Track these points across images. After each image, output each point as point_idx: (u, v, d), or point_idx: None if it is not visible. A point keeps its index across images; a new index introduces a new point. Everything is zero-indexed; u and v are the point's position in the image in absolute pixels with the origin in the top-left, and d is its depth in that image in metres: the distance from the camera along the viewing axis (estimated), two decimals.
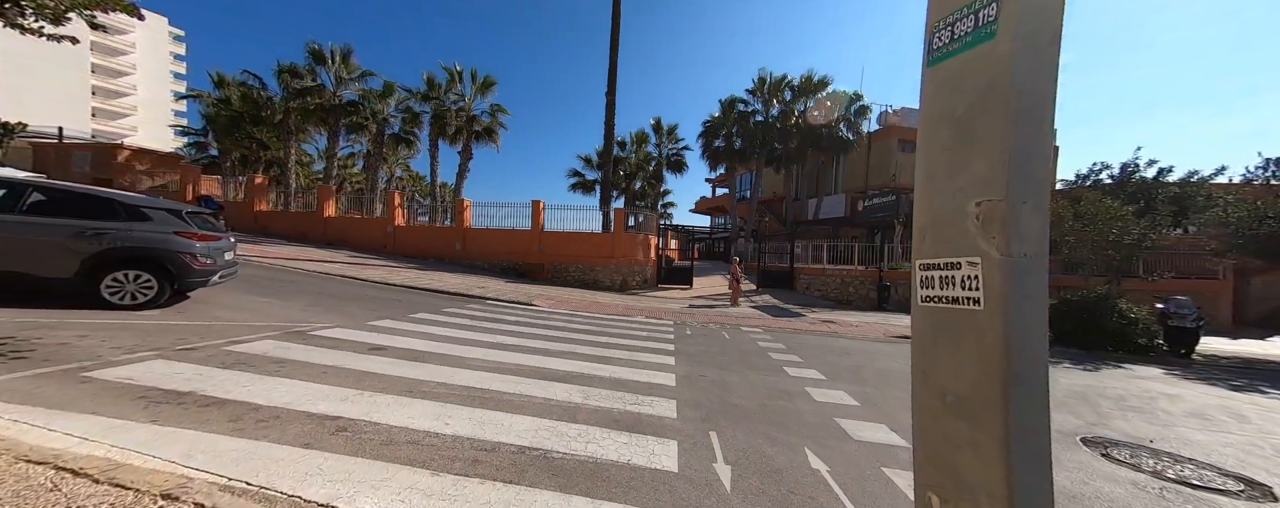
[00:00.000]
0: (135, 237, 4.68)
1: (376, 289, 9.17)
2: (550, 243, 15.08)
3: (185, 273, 4.92)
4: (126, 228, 4.67)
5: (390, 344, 4.82)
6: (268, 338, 4.47)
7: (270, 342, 4.35)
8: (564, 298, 11.28)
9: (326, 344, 4.51)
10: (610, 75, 16.85)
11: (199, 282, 5.13)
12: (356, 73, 17.98)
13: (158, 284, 4.82)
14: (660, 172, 23.90)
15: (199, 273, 5.05)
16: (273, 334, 4.63)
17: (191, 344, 4.00)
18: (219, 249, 5.38)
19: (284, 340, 4.46)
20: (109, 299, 4.67)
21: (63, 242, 4.40)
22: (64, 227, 4.49)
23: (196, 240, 5.05)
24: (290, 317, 5.61)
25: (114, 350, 3.62)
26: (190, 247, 4.97)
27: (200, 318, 4.96)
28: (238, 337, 4.38)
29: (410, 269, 12.87)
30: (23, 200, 4.38)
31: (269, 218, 16.53)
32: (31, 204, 4.41)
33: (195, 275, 5.01)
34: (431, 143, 18.43)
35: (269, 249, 12.68)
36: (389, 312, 6.90)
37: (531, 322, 7.61)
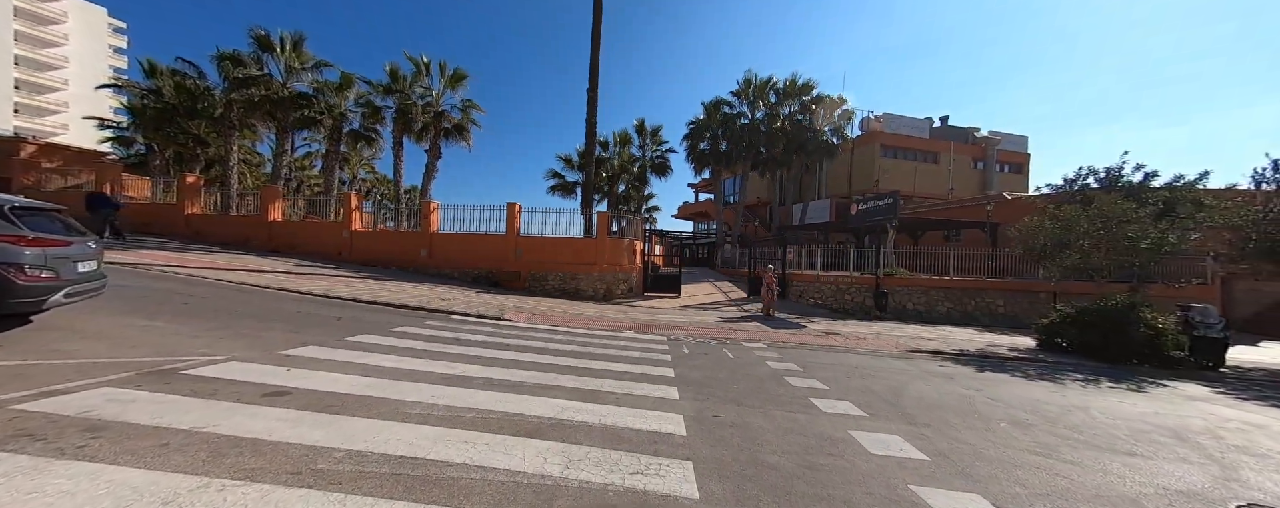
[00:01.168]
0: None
1: (315, 305, 7.72)
2: (528, 249, 13.79)
3: (6, 291, 3.49)
4: None
5: (299, 386, 3.53)
6: (108, 384, 3.12)
7: (107, 391, 3.01)
8: (542, 310, 10.03)
9: (198, 390, 3.20)
10: (592, 69, 15.83)
11: (27, 303, 3.67)
12: (309, 63, 16.29)
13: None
14: (644, 174, 22.98)
15: (27, 292, 3.60)
16: (121, 377, 3.28)
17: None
18: (66, 258, 3.95)
19: (132, 387, 3.12)
20: None
21: None
22: None
23: (25, 246, 3.62)
24: (171, 347, 4.22)
25: None
26: (12, 255, 3.55)
27: (27, 354, 3.54)
28: (59, 383, 3.02)
29: (366, 279, 11.34)
30: None
31: (204, 222, 14.57)
32: None
33: (19, 294, 3.56)
34: (395, 141, 16.85)
35: (194, 258, 10.91)
36: (320, 334, 5.54)
37: (502, 341, 6.38)
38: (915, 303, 13.60)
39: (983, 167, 28.53)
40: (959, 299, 13.51)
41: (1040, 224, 9.33)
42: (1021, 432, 3.96)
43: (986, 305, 13.47)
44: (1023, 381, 6.32)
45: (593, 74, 16.10)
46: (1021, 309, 13.30)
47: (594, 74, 16.10)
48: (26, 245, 3.64)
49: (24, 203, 3.97)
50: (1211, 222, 9.08)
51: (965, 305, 13.50)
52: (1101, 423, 4.39)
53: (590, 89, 16.19)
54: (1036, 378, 6.54)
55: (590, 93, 16.21)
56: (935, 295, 13.55)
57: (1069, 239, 8.82)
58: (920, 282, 13.64)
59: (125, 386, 3.13)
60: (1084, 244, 8.60)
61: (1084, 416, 4.63)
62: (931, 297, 13.58)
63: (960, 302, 13.50)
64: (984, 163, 28.52)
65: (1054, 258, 9.09)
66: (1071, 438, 3.88)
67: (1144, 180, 13.62)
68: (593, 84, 16.17)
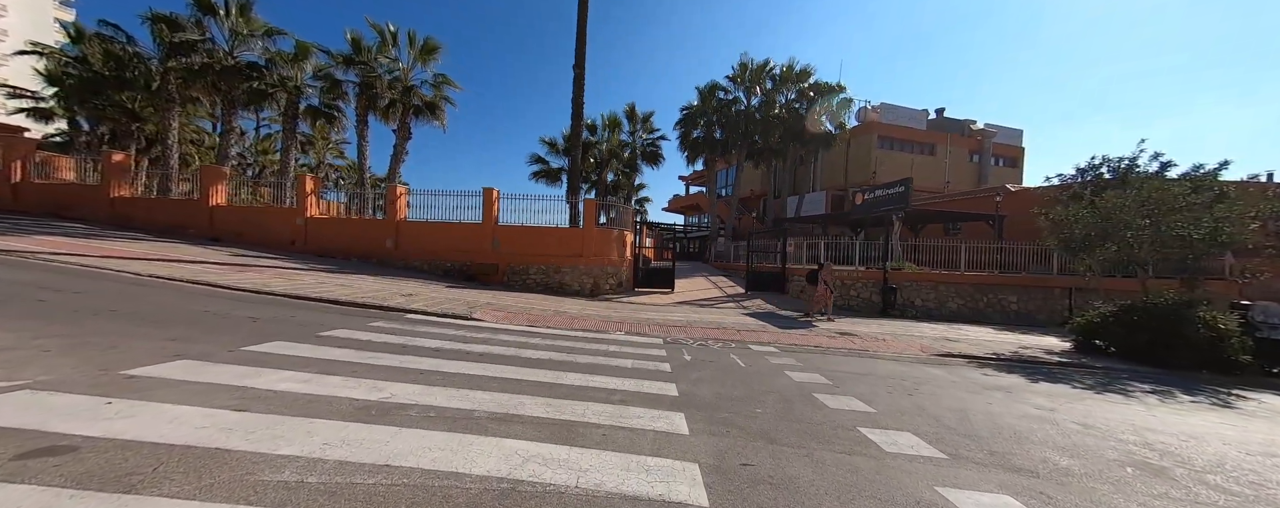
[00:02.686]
0: None
1: (234, 302, 6.30)
2: (507, 239, 12.43)
3: None
4: None
5: (107, 432, 2.24)
6: None
7: None
8: (519, 307, 8.75)
9: None
10: (578, 42, 14.43)
11: None
12: (259, 29, 14.45)
13: None
14: (635, 162, 21.65)
15: None
16: None
17: None
18: None
19: None
20: None
21: None
22: None
23: None
24: None
25: None
26: None
27: None
28: None
29: (315, 273, 9.86)
30: None
31: (132, 206, 12.76)
32: None
33: None
34: (359, 118, 15.16)
35: (105, 246, 9.27)
36: (209, 343, 4.18)
37: (463, 348, 5.11)
38: (924, 299, 12.73)
39: (978, 160, 28.05)
40: (970, 296, 12.69)
41: (1076, 213, 8.42)
42: (1165, 484, 2.90)
43: (998, 302, 12.68)
44: (1090, 394, 5.35)
45: (579, 49, 14.71)
46: (1035, 306, 12.55)
47: (581, 49, 14.71)
48: None
49: None
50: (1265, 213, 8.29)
51: (977, 302, 12.68)
52: (1250, 465, 3.37)
53: (577, 66, 14.81)
54: (1100, 390, 5.58)
55: (577, 70, 14.83)
56: (945, 291, 12.70)
57: (1109, 230, 7.92)
58: (930, 277, 12.76)
59: None
60: (1128, 235, 7.70)
61: (1216, 450, 3.61)
62: (941, 293, 12.72)
63: (971, 298, 12.68)
64: (980, 155, 28.04)
65: (1092, 251, 8.19)
66: (1240, 493, 2.83)
67: (1160, 170, 12.96)
68: (579, 60, 14.79)
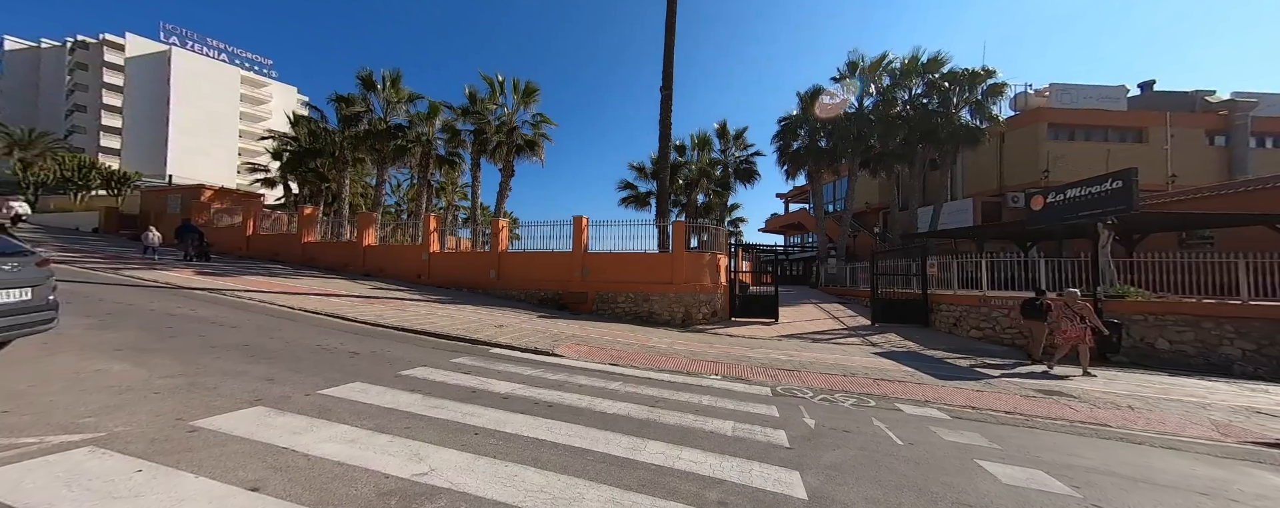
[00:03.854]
0: None
1: (348, 336, 6.76)
2: (595, 266, 12.18)
3: None
4: None
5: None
6: None
7: None
8: (604, 341, 8.09)
9: None
10: (666, 64, 14.14)
11: None
12: (405, 96, 17.51)
13: None
14: (727, 181, 20.33)
15: None
16: None
17: None
18: None
19: None
20: None
21: None
22: None
23: None
24: (57, 413, 3.06)
25: None
26: None
27: None
28: None
29: (428, 303, 10.68)
30: None
31: (315, 249, 15.93)
32: None
33: None
34: (473, 161, 17.09)
35: (286, 283, 11.35)
36: (295, 384, 4.21)
37: (533, 396, 4.47)
38: (1175, 340, 8.67)
39: (1227, 141, 20.03)
40: (1263, 336, 8.27)
41: None
42: None
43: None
44: None
45: (666, 71, 14.41)
46: None
47: (668, 71, 14.39)
48: None
49: None
50: None
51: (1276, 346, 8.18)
52: None
53: (664, 87, 14.49)
54: None
55: (664, 91, 14.50)
56: (1215, 330, 8.50)
57: None
58: (1185, 308, 8.69)
59: None
60: None
61: None
62: (1206, 332, 8.54)
63: (1266, 340, 8.24)
64: (1228, 136, 20.02)
65: None
66: None
67: None
68: (666, 82, 14.45)
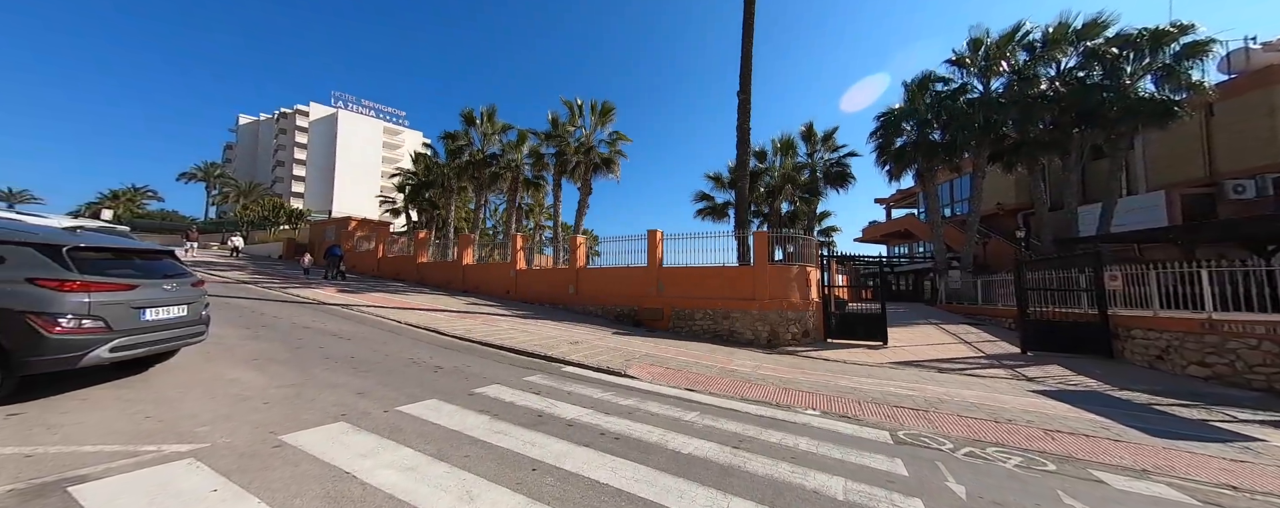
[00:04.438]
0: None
1: (437, 350, 7.15)
2: (671, 281, 11.69)
3: (27, 346, 3.09)
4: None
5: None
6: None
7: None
8: (679, 363, 7.47)
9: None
10: (743, 68, 13.44)
11: (56, 360, 3.21)
12: (499, 128, 19.36)
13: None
14: (815, 186, 18.42)
15: (58, 346, 3.19)
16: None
17: None
18: (121, 303, 3.59)
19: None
20: None
21: None
22: None
23: (65, 291, 3.28)
24: (182, 423, 3.46)
25: None
26: (43, 302, 3.19)
27: (32, 432, 3.04)
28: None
29: (512, 319, 11.16)
30: None
31: (426, 268, 18.05)
32: None
33: (47, 351, 3.15)
34: (555, 182, 18.06)
35: (399, 299, 12.82)
36: (380, 398, 4.40)
37: (600, 424, 4.08)
38: None
39: None
40: None
41: None
42: None
43: None
44: None
45: (744, 74, 13.68)
46: None
47: (746, 74, 13.65)
48: (69, 290, 3.30)
49: (102, 242, 3.89)
50: None
51: None
52: None
53: (741, 91, 13.75)
54: None
55: (742, 96, 13.75)
56: None
57: None
58: None
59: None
60: None
61: None
62: None
63: None
64: None
65: None
66: None
67: None
68: (744, 86, 13.70)
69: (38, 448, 2.72)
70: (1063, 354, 9.16)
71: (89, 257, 3.56)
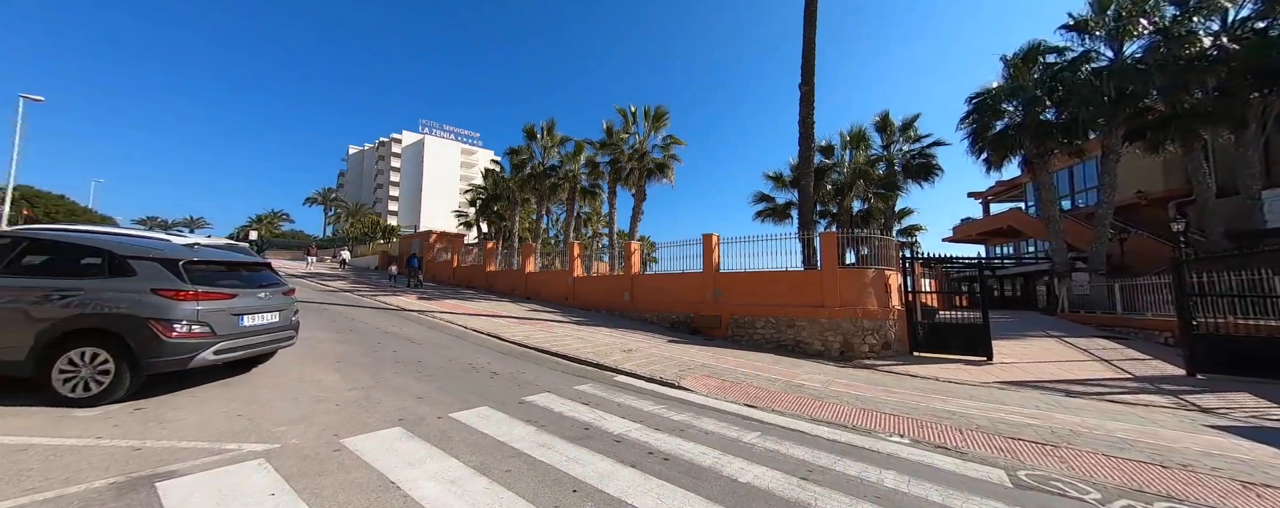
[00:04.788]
0: (104, 299, 3.59)
1: (496, 356, 7.37)
2: (729, 287, 11.10)
3: (149, 349, 3.57)
4: (99, 287, 3.63)
5: None
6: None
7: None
8: (738, 375, 6.94)
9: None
10: (805, 57, 12.55)
11: (173, 361, 3.70)
12: (558, 141, 20.14)
13: (113, 367, 3.52)
14: (893, 181, 16.51)
15: (173, 349, 3.65)
16: (80, 490, 2.58)
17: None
18: (224, 311, 4.05)
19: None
20: (60, 391, 3.45)
21: (26, 309, 3.48)
22: (34, 289, 3.59)
23: (179, 300, 3.76)
24: (265, 423, 3.78)
25: None
26: (163, 309, 3.67)
27: (146, 426, 3.48)
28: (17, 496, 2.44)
29: (568, 325, 11.32)
30: (9, 256, 3.66)
31: (494, 277, 19.18)
32: (21, 261, 3.70)
33: (164, 353, 3.62)
34: (610, 189, 18.25)
35: (467, 305, 13.66)
36: (435, 403, 4.54)
37: (648, 443, 3.81)
38: None
39: None
40: None
41: None
42: None
43: None
44: None
45: (806, 63, 12.76)
46: None
47: (809, 61, 12.73)
48: (181, 298, 3.77)
49: (213, 252, 4.42)
50: None
51: None
52: None
53: (804, 83, 12.84)
54: None
55: (804, 87, 12.83)
56: None
57: None
58: None
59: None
60: None
61: None
62: None
63: None
64: None
65: None
66: None
67: None
68: (807, 76, 12.77)
69: (145, 441, 3.08)
70: (1250, 379, 7.08)
71: (200, 269, 4.08)
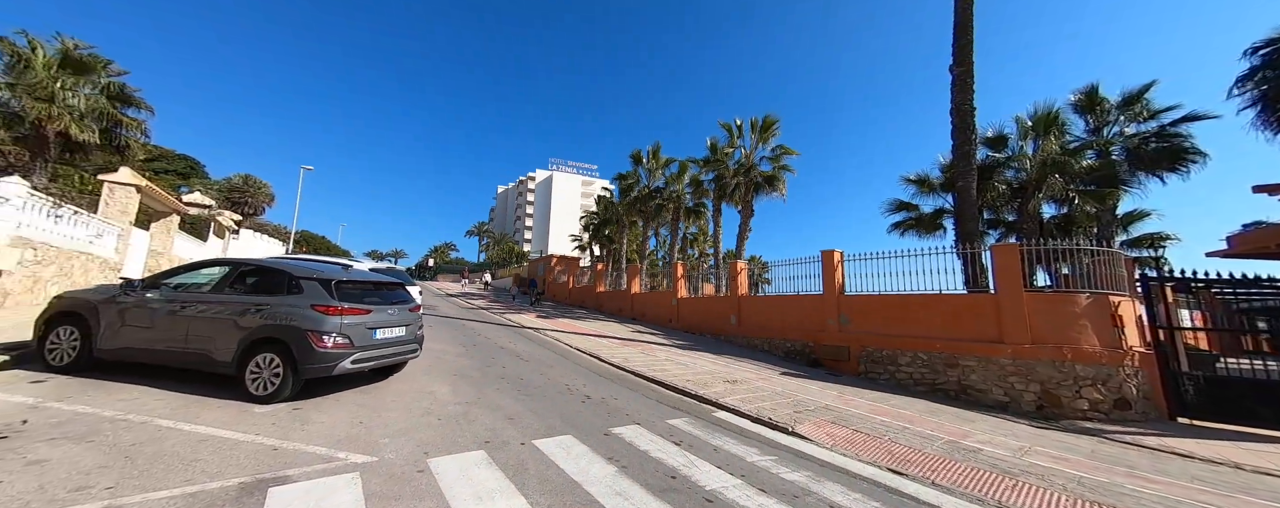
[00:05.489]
0: (281, 312, 4.33)
1: (592, 379, 7.18)
2: (859, 312, 9.24)
3: (305, 356, 4.17)
4: (279, 303, 4.39)
5: None
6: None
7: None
8: (874, 426, 5.41)
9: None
10: (959, 30, 10.35)
11: (319, 368, 4.21)
12: (662, 162, 20.38)
13: (283, 371, 4.14)
14: (1112, 174, 11.90)
15: (321, 357, 4.22)
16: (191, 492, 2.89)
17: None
18: (359, 325, 4.59)
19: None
20: (248, 388, 4.15)
21: (233, 319, 4.36)
22: (240, 304, 4.37)
23: (329, 315, 4.35)
24: (364, 433, 4.05)
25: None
26: (317, 322, 4.28)
27: (292, 427, 3.95)
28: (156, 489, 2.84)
29: (671, 349, 10.75)
30: (230, 279, 4.64)
31: (603, 297, 19.87)
32: (237, 282, 4.65)
33: (316, 361, 4.20)
34: (714, 207, 17.43)
35: (578, 325, 14.17)
36: (523, 427, 4.42)
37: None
38: None
39: None
40: None
41: None
42: None
43: None
44: None
45: (961, 38, 10.54)
46: None
47: (964, 37, 10.50)
48: (330, 313, 4.37)
49: (357, 276, 5.09)
50: None
51: None
52: None
53: (958, 63, 10.58)
54: None
55: (958, 69, 10.57)
56: None
57: None
58: None
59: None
60: None
61: None
62: None
63: None
64: None
65: None
66: None
67: None
68: (962, 55, 10.53)
69: (284, 442, 3.47)
70: None
71: (346, 288, 4.73)
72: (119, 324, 4.48)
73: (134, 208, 10.69)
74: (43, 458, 2.87)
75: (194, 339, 4.34)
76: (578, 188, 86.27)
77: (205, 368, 4.33)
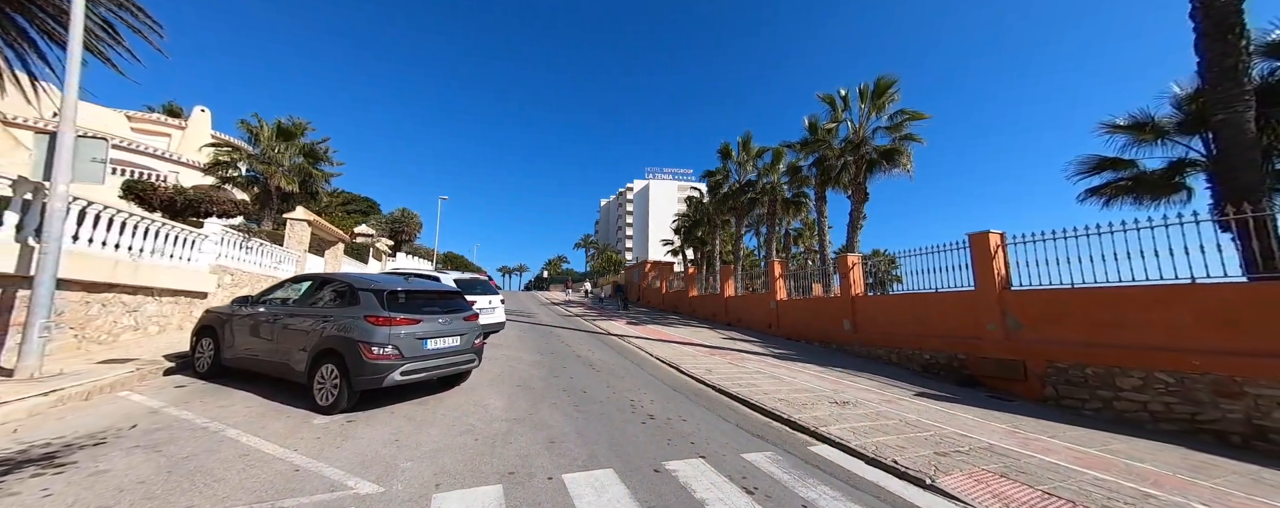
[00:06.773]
0: (341, 323, 4.42)
1: (662, 393, 6.28)
2: (1036, 313, 6.60)
3: (357, 367, 4.16)
4: (341, 314, 4.50)
5: None
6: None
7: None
8: (1082, 488, 3.40)
9: None
10: None
11: (369, 380, 4.16)
12: (754, 153, 18.57)
13: (340, 382, 4.18)
14: None
15: (372, 368, 4.17)
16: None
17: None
18: (413, 335, 4.47)
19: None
20: (315, 398, 4.29)
21: (306, 330, 4.57)
22: (313, 316, 4.59)
23: (378, 326, 4.31)
24: (380, 458, 3.79)
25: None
26: (368, 333, 4.26)
27: (331, 443, 3.88)
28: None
29: (766, 359, 9.24)
30: (311, 293, 4.92)
31: (695, 302, 18.78)
32: (316, 295, 4.92)
33: (366, 371, 4.16)
34: (818, 195, 14.93)
35: (665, 331, 13.39)
36: (561, 455, 3.77)
37: None
38: None
39: None
40: None
41: None
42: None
43: None
44: None
45: None
46: None
47: None
48: (381, 324, 4.36)
49: (424, 284, 5.08)
50: None
51: None
52: None
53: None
54: None
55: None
56: None
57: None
58: None
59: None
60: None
61: None
62: None
63: None
64: None
65: None
66: None
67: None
68: None
69: (311, 462, 3.35)
70: None
71: (399, 298, 4.72)
72: (236, 335, 5.14)
73: (307, 238, 13.49)
74: (107, 469, 3.07)
75: (280, 350, 4.72)
76: (673, 193, 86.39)
77: (289, 377, 4.66)
